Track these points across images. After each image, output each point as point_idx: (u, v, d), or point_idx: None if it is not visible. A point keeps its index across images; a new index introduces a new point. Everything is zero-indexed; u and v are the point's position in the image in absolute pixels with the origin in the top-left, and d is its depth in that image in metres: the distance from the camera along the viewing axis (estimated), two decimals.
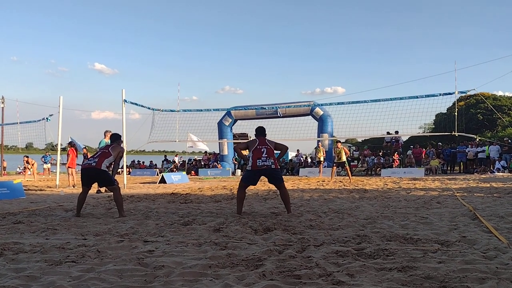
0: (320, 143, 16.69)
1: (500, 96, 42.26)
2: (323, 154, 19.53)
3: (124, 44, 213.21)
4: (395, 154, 21.27)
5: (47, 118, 15.53)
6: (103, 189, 11.54)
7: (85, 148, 19.82)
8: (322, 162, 19.50)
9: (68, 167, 14.52)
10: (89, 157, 8.27)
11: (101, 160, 6.64)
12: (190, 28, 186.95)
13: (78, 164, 17.15)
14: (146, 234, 4.75)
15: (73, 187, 13.62)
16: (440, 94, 12.98)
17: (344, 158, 15.79)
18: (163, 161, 29.07)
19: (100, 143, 11.89)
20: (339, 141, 16.85)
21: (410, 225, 5.16)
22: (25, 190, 10.81)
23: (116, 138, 7.27)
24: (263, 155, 6.48)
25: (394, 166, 20.67)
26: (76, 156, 15.15)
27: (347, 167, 16.06)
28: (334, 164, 16.43)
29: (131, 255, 3.66)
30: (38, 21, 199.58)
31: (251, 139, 8.44)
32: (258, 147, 6.57)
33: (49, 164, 26.24)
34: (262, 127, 7.01)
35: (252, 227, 5.10)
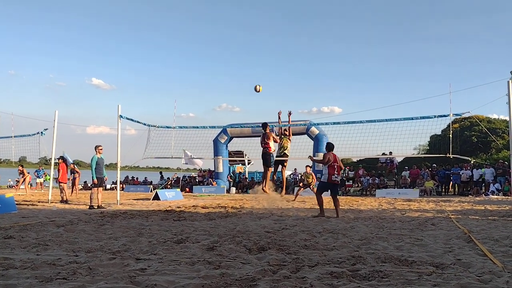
0: (308, 167, 16.68)
1: (494, 119, 42.71)
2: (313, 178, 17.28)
3: (122, 60, 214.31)
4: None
5: (41, 132, 15.49)
6: (95, 205, 11.48)
7: (72, 164, 19.75)
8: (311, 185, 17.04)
9: (60, 182, 14.42)
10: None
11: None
12: (188, 45, 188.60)
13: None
14: (138, 252, 4.70)
15: (66, 202, 13.49)
16: (435, 116, 13.07)
17: (311, 182, 16.47)
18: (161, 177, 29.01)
19: (92, 159, 11.84)
20: (309, 166, 17.01)
21: (405, 247, 5.14)
22: (17, 204, 10.69)
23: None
24: (335, 172, 9.21)
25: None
26: (66, 171, 15.10)
27: (314, 188, 15.72)
28: (302, 186, 17.09)
29: (123, 273, 3.61)
30: (37, 35, 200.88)
31: (326, 154, 9.61)
32: (332, 164, 9.18)
33: (42, 179, 26.06)
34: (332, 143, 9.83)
35: (246, 246, 5.06)
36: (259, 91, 12.45)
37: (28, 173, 21.43)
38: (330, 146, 9.73)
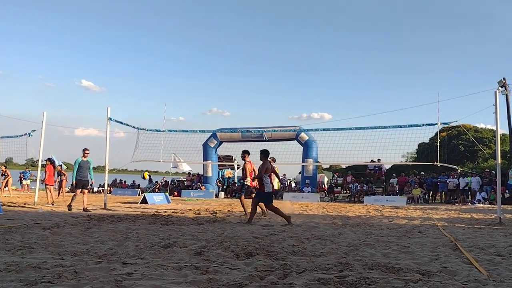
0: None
1: (481, 128, 43.28)
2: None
3: (112, 63, 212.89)
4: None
5: (29, 134, 15.31)
6: (78, 206, 11.35)
7: (59, 166, 19.53)
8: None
9: (46, 184, 14.26)
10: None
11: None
12: (179, 50, 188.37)
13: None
14: (125, 256, 4.66)
15: (52, 204, 13.33)
16: (423, 124, 13.21)
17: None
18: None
19: (75, 162, 11.71)
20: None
21: (392, 254, 5.17)
22: (2, 206, 10.53)
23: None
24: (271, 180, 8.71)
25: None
26: (53, 174, 14.96)
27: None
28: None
29: (109, 277, 3.57)
30: (27, 36, 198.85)
31: (265, 162, 8.79)
32: (270, 173, 8.70)
33: (29, 181, 25.73)
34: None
35: (234, 251, 5.05)
36: (144, 178, 14.80)
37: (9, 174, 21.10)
38: (267, 153, 8.84)
